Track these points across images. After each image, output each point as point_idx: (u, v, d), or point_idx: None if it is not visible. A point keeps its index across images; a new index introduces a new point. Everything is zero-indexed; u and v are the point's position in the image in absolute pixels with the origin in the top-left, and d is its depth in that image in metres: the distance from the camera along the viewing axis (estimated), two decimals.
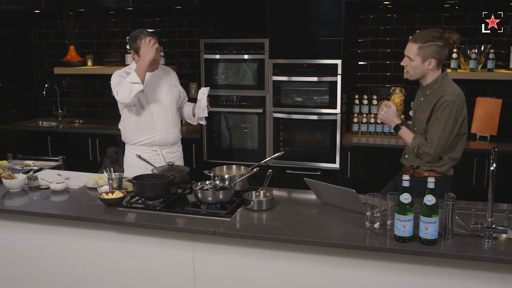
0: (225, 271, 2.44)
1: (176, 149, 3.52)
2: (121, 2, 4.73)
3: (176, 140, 3.50)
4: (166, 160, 3.34)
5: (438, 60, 2.66)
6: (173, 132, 3.43)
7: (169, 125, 3.41)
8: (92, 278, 2.67)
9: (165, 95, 3.39)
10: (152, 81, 3.35)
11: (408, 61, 2.70)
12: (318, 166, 4.33)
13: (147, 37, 3.18)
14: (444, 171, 2.75)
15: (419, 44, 2.64)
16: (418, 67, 2.68)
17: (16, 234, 2.77)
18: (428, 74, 2.71)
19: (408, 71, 2.74)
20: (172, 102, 3.42)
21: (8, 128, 5.08)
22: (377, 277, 2.23)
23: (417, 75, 2.73)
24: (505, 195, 2.79)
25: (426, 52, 2.63)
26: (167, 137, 3.41)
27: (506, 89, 4.28)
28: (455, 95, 2.64)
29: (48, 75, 5.46)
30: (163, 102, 3.38)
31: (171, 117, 3.41)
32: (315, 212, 2.61)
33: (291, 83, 4.32)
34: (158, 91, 3.37)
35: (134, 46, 3.24)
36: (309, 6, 4.15)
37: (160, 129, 3.37)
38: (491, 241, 2.14)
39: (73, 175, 3.21)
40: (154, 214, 2.55)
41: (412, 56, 2.67)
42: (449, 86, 2.70)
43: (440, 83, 2.70)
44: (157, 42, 3.24)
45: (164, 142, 3.41)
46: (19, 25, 5.40)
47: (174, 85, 3.48)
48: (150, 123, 3.36)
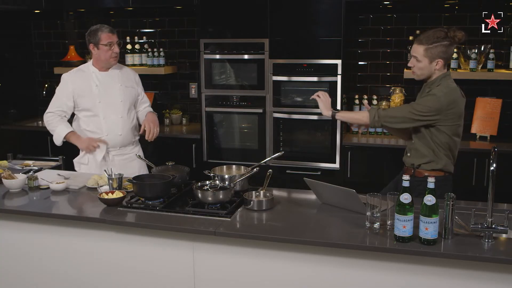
0: (225, 271, 2.44)
1: (128, 151, 3.43)
2: (121, 2, 4.73)
3: (124, 143, 3.40)
4: (115, 164, 3.30)
5: (445, 59, 2.68)
6: (121, 133, 3.35)
7: (117, 126, 3.34)
8: (92, 278, 2.67)
9: (116, 95, 3.34)
10: (104, 80, 3.33)
11: (415, 62, 2.71)
12: (318, 166, 4.33)
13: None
14: (443, 166, 2.74)
15: (425, 46, 2.65)
16: (426, 68, 2.69)
17: (16, 234, 2.77)
18: (435, 74, 2.72)
19: (415, 72, 2.75)
20: (123, 103, 3.36)
21: (8, 128, 5.08)
22: (377, 277, 2.23)
23: (424, 76, 2.74)
24: (505, 195, 2.79)
25: (433, 53, 2.64)
26: (113, 138, 3.34)
27: (506, 89, 4.28)
28: (442, 91, 2.64)
29: (48, 75, 5.46)
30: (112, 102, 3.33)
31: (120, 118, 3.34)
32: (315, 212, 2.61)
33: (291, 83, 4.32)
34: (109, 90, 3.33)
35: (95, 39, 3.23)
36: (309, 6, 4.15)
37: (106, 130, 3.32)
38: (491, 241, 2.14)
39: (73, 175, 3.21)
40: (154, 214, 2.55)
41: (420, 57, 2.68)
42: (443, 84, 2.70)
43: (439, 83, 2.71)
44: (115, 39, 3.27)
45: (111, 144, 3.34)
46: (19, 25, 5.40)
47: (130, 86, 3.42)
48: (97, 124, 3.32)
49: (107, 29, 3.26)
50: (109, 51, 3.25)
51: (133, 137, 3.47)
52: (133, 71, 3.56)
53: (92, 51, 3.29)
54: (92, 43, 3.26)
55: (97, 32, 3.24)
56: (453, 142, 2.73)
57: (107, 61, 3.29)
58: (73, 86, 3.31)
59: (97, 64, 3.34)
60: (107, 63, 3.31)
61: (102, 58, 3.28)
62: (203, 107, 4.54)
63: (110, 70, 3.36)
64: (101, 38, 3.23)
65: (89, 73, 3.34)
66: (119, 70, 3.41)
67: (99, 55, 3.28)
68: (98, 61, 3.33)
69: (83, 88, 3.31)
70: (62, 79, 3.36)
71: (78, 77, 3.34)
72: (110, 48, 3.25)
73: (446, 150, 2.73)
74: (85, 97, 3.30)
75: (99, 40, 3.23)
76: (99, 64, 3.34)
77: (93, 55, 3.31)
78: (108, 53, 3.26)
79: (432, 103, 2.63)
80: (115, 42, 3.27)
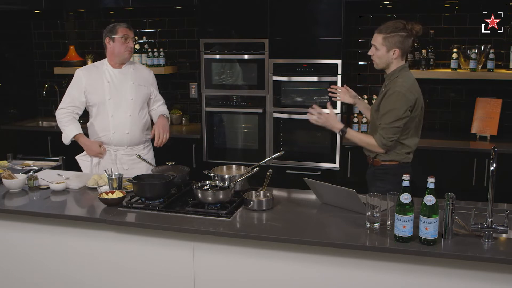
0: (225, 271, 2.44)
1: (137, 150, 3.41)
2: (121, 2, 4.73)
3: (132, 142, 3.39)
4: (122, 163, 3.31)
5: (401, 50, 2.77)
6: (128, 132, 3.35)
7: (125, 124, 3.34)
8: (92, 278, 2.67)
9: (127, 93, 3.34)
10: (116, 77, 3.34)
11: (374, 50, 2.83)
12: (318, 166, 4.33)
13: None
14: (401, 159, 2.84)
15: (383, 35, 2.77)
16: (384, 56, 2.80)
17: (16, 234, 2.77)
18: (392, 64, 2.82)
19: (375, 60, 2.87)
20: (134, 101, 3.35)
21: (8, 128, 5.08)
22: (377, 277, 2.23)
23: (383, 64, 2.85)
24: (505, 195, 2.80)
25: (390, 42, 2.76)
26: (120, 137, 3.34)
27: (506, 89, 4.28)
28: (404, 87, 2.72)
29: (48, 75, 5.46)
30: (123, 99, 3.33)
31: (128, 116, 3.34)
32: (315, 212, 2.61)
33: (291, 83, 4.32)
34: (120, 88, 3.34)
35: (111, 32, 3.28)
36: (309, 6, 4.15)
37: (113, 128, 3.32)
38: (491, 241, 2.14)
39: (73, 175, 3.21)
40: (154, 214, 2.55)
41: (378, 45, 2.80)
42: (402, 78, 2.78)
43: (397, 74, 2.80)
44: (131, 34, 3.31)
45: (117, 142, 3.35)
46: (19, 25, 5.40)
47: (142, 85, 3.41)
48: (104, 121, 3.34)
49: (125, 24, 3.34)
50: (124, 44, 3.28)
51: (143, 137, 3.45)
52: (148, 70, 3.57)
53: (107, 45, 3.31)
54: (108, 37, 3.30)
55: (114, 26, 3.30)
56: (406, 127, 2.78)
57: (121, 54, 3.30)
58: (85, 81, 3.33)
59: (111, 59, 3.36)
60: (121, 56, 3.32)
61: (116, 51, 3.30)
62: (203, 107, 4.54)
63: (124, 67, 3.37)
64: (117, 30, 3.27)
65: (103, 69, 3.36)
66: (133, 68, 3.42)
67: (114, 48, 3.30)
68: (112, 56, 3.34)
69: (95, 84, 3.33)
70: (76, 74, 3.38)
71: (91, 72, 3.37)
72: (126, 41, 3.28)
73: (399, 143, 2.81)
74: (96, 93, 3.32)
75: (116, 32, 3.27)
76: (113, 60, 3.35)
77: (108, 50, 3.33)
78: (123, 46, 3.28)
79: (403, 101, 2.70)
80: (131, 37, 3.31)
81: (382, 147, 2.78)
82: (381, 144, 2.77)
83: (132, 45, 3.32)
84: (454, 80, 4.27)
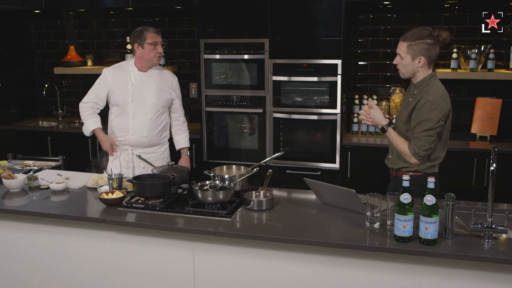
0: (225, 271, 2.44)
1: (153, 150, 3.45)
2: (121, 2, 4.73)
3: (149, 144, 3.43)
4: (138, 161, 3.34)
5: (428, 58, 2.66)
6: (146, 135, 3.38)
7: (143, 127, 3.37)
8: (92, 278, 2.67)
9: (149, 97, 3.36)
10: (141, 80, 3.36)
11: (399, 59, 2.72)
12: (318, 166, 4.33)
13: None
14: (427, 170, 2.72)
15: (408, 42, 2.65)
16: (409, 65, 2.69)
17: (16, 234, 2.77)
18: (419, 72, 2.70)
19: (400, 69, 2.75)
20: (155, 106, 3.37)
21: (8, 128, 5.08)
22: (377, 277, 2.23)
23: (408, 73, 2.73)
24: (505, 195, 2.80)
25: (415, 49, 2.64)
26: (138, 139, 3.38)
27: (506, 89, 4.28)
28: (437, 96, 2.63)
29: (48, 75, 5.46)
30: (144, 103, 3.35)
31: (148, 119, 3.36)
32: (315, 212, 2.61)
33: (291, 83, 4.32)
34: (143, 91, 3.36)
35: (140, 38, 3.27)
36: (309, 6, 4.15)
37: (132, 130, 3.36)
38: (491, 241, 2.14)
39: (73, 175, 3.21)
40: (154, 214, 2.55)
41: (403, 54, 2.68)
42: (434, 86, 2.68)
43: (427, 83, 2.70)
44: (160, 39, 3.31)
45: (135, 143, 3.39)
46: (19, 25, 5.40)
47: (165, 90, 3.42)
48: (124, 122, 3.37)
49: (153, 29, 3.32)
50: (154, 51, 3.29)
51: (160, 139, 3.48)
52: (173, 75, 3.55)
53: (136, 50, 3.32)
54: (137, 43, 3.30)
55: (143, 31, 3.29)
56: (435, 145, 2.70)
57: (150, 60, 3.33)
58: (110, 81, 3.37)
59: (139, 63, 3.37)
60: (150, 62, 3.34)
61: (146, 57, 3.31)
62: (203, 107, 4.54)
63: (149, 71, 3.39)
64: (146, 37, 3.27)
65: (128, 71, 3.38)
66: (158, 73, 3.43)
67: (143, 54, 3.31)
68: (140, 60, 3.35)
69: (119, 85, 3.36)
70: (103, 72, 3.43)
71: (117, 73, 3.40)
72: (155, 47, 3.29)
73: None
74: (119, 94, 3.35)
75: (145, 39, 3.27)
76: (140, 64, 3.36)
77: (136, 54, 3.34)
78: (152, 52, 3.29)
79: (437, 111, 2.61)
80: (160, 42, 3.31)
81: (415, 156, 2.64)
82: (414, 153, 2.63)
83: (161, 50, 3.33)
84: (454, 80, 4.26)
